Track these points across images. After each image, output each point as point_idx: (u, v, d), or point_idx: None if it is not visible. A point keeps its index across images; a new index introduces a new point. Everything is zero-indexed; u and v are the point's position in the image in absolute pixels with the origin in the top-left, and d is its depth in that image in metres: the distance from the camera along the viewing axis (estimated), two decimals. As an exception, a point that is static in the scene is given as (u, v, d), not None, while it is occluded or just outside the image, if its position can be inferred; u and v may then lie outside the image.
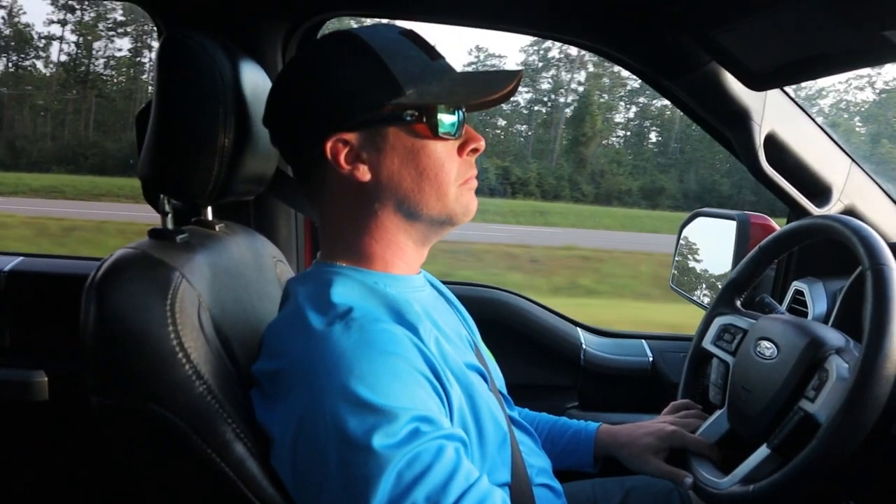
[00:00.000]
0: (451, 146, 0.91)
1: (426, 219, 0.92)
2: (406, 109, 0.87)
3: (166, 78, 0.90)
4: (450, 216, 0.92)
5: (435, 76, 0.89)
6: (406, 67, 0.87)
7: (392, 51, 0.87)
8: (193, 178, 0.91)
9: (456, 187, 0.91)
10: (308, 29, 1.49)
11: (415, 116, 0.87)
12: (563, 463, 1.21)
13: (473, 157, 0.95)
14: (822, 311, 1.37)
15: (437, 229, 0.95)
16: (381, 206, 0.90)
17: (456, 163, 0.91)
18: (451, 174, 0.91)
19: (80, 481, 1.62)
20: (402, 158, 0.88)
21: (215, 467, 0.79)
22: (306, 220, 1.60)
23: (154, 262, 0.82)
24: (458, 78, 0.91)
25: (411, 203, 0.90)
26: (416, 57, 0.89)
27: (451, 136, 0.90)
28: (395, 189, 0.89)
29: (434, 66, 0.90)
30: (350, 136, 0.88)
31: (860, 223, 1.00)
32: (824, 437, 0.87)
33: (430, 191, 0.90)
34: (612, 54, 1.47)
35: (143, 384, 0.77)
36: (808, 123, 1.44)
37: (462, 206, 0.93)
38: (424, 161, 0.89)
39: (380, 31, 0.90)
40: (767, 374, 1.03)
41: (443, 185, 0.90)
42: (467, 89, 0.90)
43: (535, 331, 1.81)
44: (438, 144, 0.89)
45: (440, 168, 0.89)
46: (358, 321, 0.79)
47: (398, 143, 0.88)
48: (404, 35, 0.90)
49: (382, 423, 0.71)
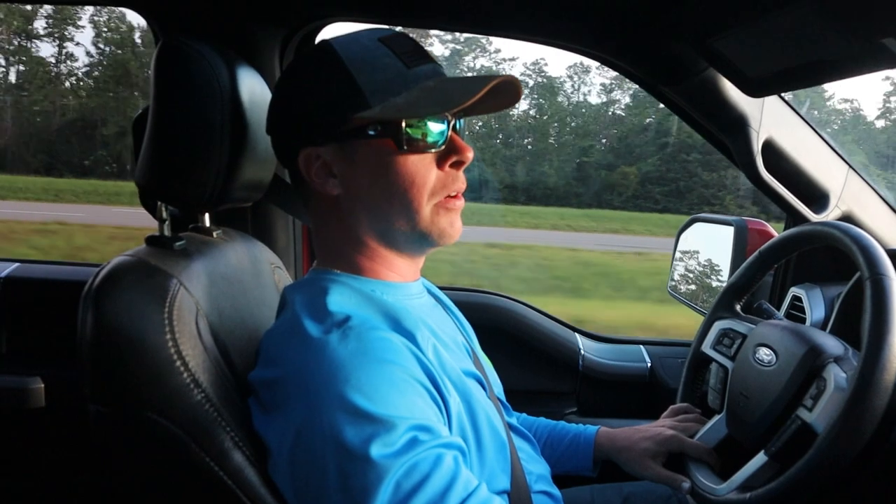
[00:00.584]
0: (428, 159, 0.87)
1: (400, 236, 0.90)
2: (370, 124, 0.85)
3: (163, 84, 0.90)
4: (424, 236, 0.89)
5: (405, 86, 0.85)
6: (374, 78, 0.84)
7: (363, 61, 0.85)
8: (191, 185, 0.91)
9: (431, 206, 0.87)
10: (305, 35, 1.49)
11: (378, 131, 0.85)
12: (562, 467, 1.21)
13: (458, 170, 0.90)
14: (820, 317, 1.37)
15: (416, 246, 0.92)
16: (354, 220, 0.90)
17: (432, 176, 0.87)
18: (425, 189, 0.87)
19: (77, 489, 1.62)
20: (371, 173, 0.87)
21: (213, 475, 0.78)
22: (304, 227, 1.60)
23: (151, 270, 0.81)
24: (431, 87, 0.86)
25: (382, 219, 0.88)
26: (388, 66, 0.85)
27: (427, 149, 0.86)
28: (366, 204, 0.88)
29: (408, 74, 0.85)
30: (322, 149, 0.87)
31: (860, 231, 1.00)
32: (822, 448, 0.87)
33: (399, 208, 0.87)
34: (610, 61, 1.47)
35: (141, 392, 0.76)
36: (805, 130, 1.44)
37: (438, 228, 0.89)
38: (392, 176, 0.86)
39: (358, 39, 0.87)
40: (766, 381, 1.03)
41: (413, 202, 0.86)
42: (435, 100, 0.85)
43: (534, 336, 1.81)
44: (409, 158, 0.85)
45: (409, 184, 0.86)
46: (355, 329, 0.79)
47: (365, 157, 0.87)
48: (383, 41, 0.87)
49: (380, 432, 0.71)
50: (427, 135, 0.85)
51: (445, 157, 0.88)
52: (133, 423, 0.77)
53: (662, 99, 1.52)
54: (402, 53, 0.86)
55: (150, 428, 0.77)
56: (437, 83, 0.86)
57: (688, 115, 1.50)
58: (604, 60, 1.47)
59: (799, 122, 1.44)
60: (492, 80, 0.82)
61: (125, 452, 0.82)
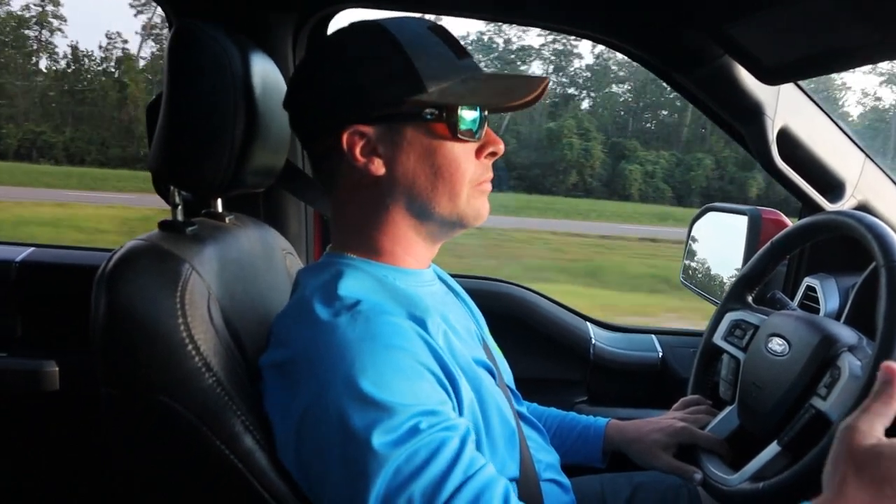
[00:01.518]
0: (470, 147, 0.90)
1: (437, 218, 0.91)
2: (427, 107, 0.86)
3: (177, 69, 0.90)
4: (460, 218, 0.91)
5: (459, 75, 0.87)
6: (430, 64, 0.85)
7: (418, 46, 0.86)
8: (203, 170, 0.91)
9: (469, 189, 0.90)
10: (318, 21, 1.49)
11: (435, 115, 0.86)
12: (572, 458, 1.21)
13: (491, 161, 0.93)
14: (835, 307, 1.35)
15: (447, 230, 0.94)
16: (392, 201, 0.90)
17: (472, 164, 0.90)
18: (467, 176, 0.89)
19: (91, 471, 1.63)
20: (419, 156, 0.87)
21: (224, 459, 0.79)
22: (316, 213, 1.60)
23: (164, 254, 0.82)
24: (483, 79, 0.89)
25: (423, 201, 0.89)
26: (442, 54, 0.87)
27: (471, 138, 0.88)
28: (409, 186, 0.88)
29: (459, 64, 0.88)
30: (367, 128, 0.87)
31: (874, 219, 0.99)
32: None
33: (443, 190, 0.89)
34: (624, 48, 1.46)
35: (153, 376, 0.77)
36: (821, 118, 1.43)
37: (473, 210, 0.92)
38: (440, 160, 0.88)
39: (408, 25, 0.88)
40: (778, 371, 1.03)
41: (456, 185, 0.89)
42: (490, 92, 0.88)
43: (545, 325, 1.81)
44: (456, 145, 0.88)
45: (456, 169, 0.88)
46: (364, 313, 0.79)
47: (416, 140, 0.87)
48: (432, 30, 0.89)
49: (383, 418, 0.71)
50: (471, 125, 0.88)
51: (482, 148, 0.91)
52: (144, 407, 0.78)
53: (676, 86, 1.50)
54: (450, 44, 0.89)
55: (161, 411, 0.77)
56: (487, 76, 0.90)
57: (702, 102, 1.49)
58: (617, 47, 1.46)
59: (815, 110, 1.42)
60: (543, 80, 0.88)
61: (137, 435, 0.82)
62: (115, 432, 0.83)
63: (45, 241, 1.79)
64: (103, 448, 1.56)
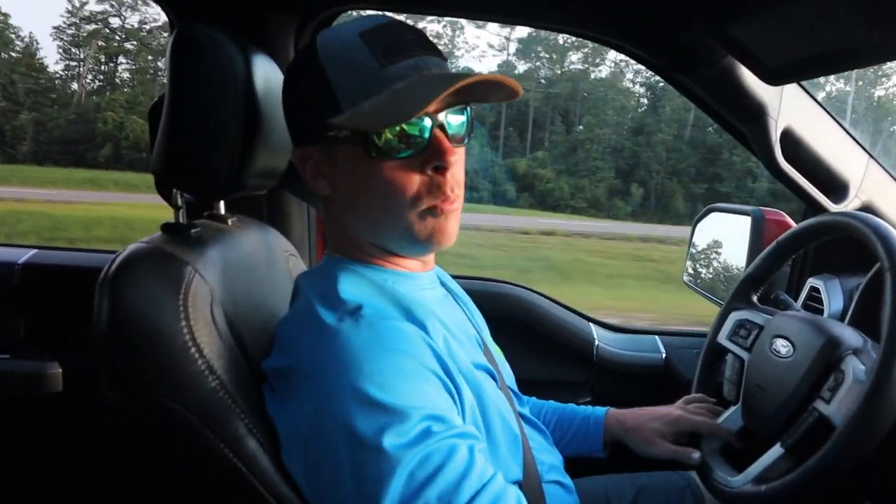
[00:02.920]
0: (408, 164, 0.82)
1: (391, 239, 0.88)
2: (343, 129, 0.82)
3: (179, 72, 0.90)
4: (413, 241, 0.86)
5: (376, 89, 0.78)
6: (348, 81, 0.80)
7: (341, 59, 0.81)
8: (205, 172, 0.91)
9: (417, 212, 0.83)
10: (320, 23, 1.49)
11: (348, 136, 0.82)
12: (573, 450, 1.21)
13: (442, 174, 0.83)
14: (839, 308, 1.35)
15: (410, 250, 0.90)
16: (348, 219, 0.89)
17: (415, 181, 0.82)
18: (406, 197, 0.82)
19: (93, 473, 1.63)
20: (352, 177, 0.85)
21: (227, 462, 0.79)
22: (318, 215, 1.60)
23: (167, 257, 0.82)
24: (398, 91, 0.78)
25: (370, 222, 0.87)
26: (362, 66, 0.80)
27: (398, 154, 0.81)
28: (353, 206, 0.87)
29: (380, 74, 0.79)
30: (310, 150, 0.87)
31: (880, 221, 0.99)
32: (839, 441, 0.86)
33: (384, 212, 0.84)
34: (626, 48, 1.45)
35: (156, 379, 0.77)
36: (825, 118, 1.42)
37: (425, 235, 0.85)
38: (371, 182, 0.82)
39: (340, 34, 0.83)
40: (783, 373, 1.02)
41: (394, 208, 0.83)
42: (400, 104, 0.77)
43: (548, 326, 1.80)
44: (384, 165, 0.81)
45: (388, 191, 0.82)
46: (367, 318, 0.79)
47: (346, 161, 0.84)
48: (363, 36, 0.81)
49: (393, 422, 0.71)
50: (403, 138, 0.80)
51: (426, 162, 0.82)
52: (148, 410, 0.78)
53: (679, 87, 1.50)
54: (379, 49, 0.80)
55: (164, 414, 0.77)
56: (406, 85, 0.78)
57: (704, 103, 1.48)
58: (619, 48, 1.45)
59: (818, 110, 1.41)
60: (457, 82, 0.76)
61: (139, 438, 0.82)
62: (117, 435, 0.83)
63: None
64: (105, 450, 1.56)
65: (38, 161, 30.63)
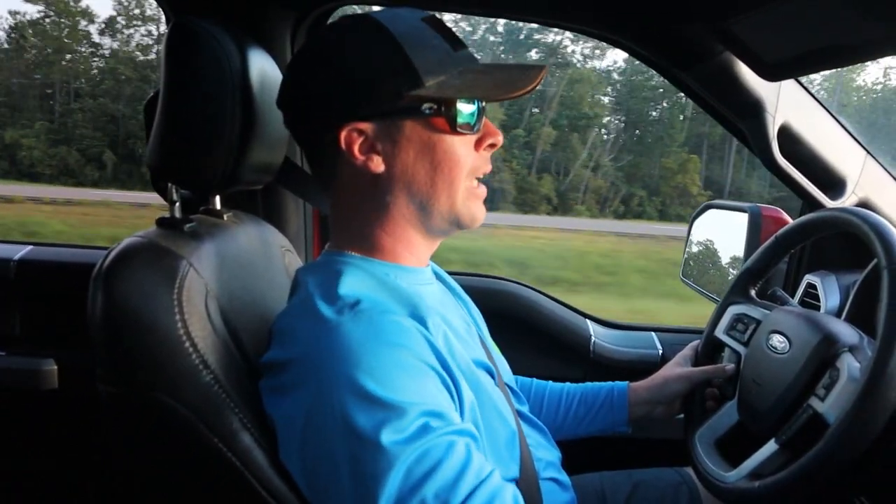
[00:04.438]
0: (469, 140, 0.89)
1: (437, 215, 0.90)
2: (425, 102, 0.84)
3: (174, 66, 0.89)
4: (457, 218, 0.90)
5: (456, 68, 0.86)
6: (426, 57, 0.84)
7: (413, 38, 0.84)
8: (201, 167, 0.91)
9: (464, 189, 0.89)
10: (318, 17, 1.48)
11: (433, 109, 0.84)
12: (600, 423, 1.25)
13: (490, 153, 0.92)
14: (835, 304, 1.35)
15: (445, 228, 0.93)
16: (392, 198, 0.89)
17: (471, 157, 0.89)
18: (465, 170, 0.88)
19: (89, 469, 1.63)
20: (418, 151, 0.86)
21: (222, 457, 0.79)
22: (315, 210, 1.60)
23: (161, 251, 0.81)
24: (480, 71, 0.87)
25: (422, 198, 0.88)
26: (437, 46, 0.86)
27: (469, 131, 0.87)
28: (408, 182, 0.87)
29: (455, 56, 0.86)
30: (365, 125, 0.85)
31: (879, 219, 0.99)
32: (832, 439, 0.86)
33: (442, 186, 0.88)
34: (623, 44, 1.45)
35: (150, 373, 0.77)
36: (822, 114, 1.42)
37: (469, 213, 0.91)
38: (440, 155, 0.86)
39: (401, 17, 0.86)
40: (778, 369, 1.02)
41: (455, 181, 0.88)
42: (488, 83, 0.86)
43: (544, 322, 1.80)
44: (455, 139, 0.87)
45: (455, 164, 0.87)
46: (367, 312, 0.78)
47: (414, 135, 0.86)
48: (426, 22, 0.87)
49: (391, 418, 0.71)
50: (469, 118, 0.86)
51: (481, 140, 0.90)
52: (142, 404, 0.77)
53: (676, 82, 1.50)
54: (445, 35, 0.87)
55: (158, 409, 0.77)
56: (484, 68, 0.88)
57: (702, 99, 1.48)
58: (617, 43, 1.45)
59: (816, 106, 1.41)
60: (541, 69, 0.85)
61: (134, 433, 0.82)
62: (113, 430, 0.83)
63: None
64: (102, 446, 1.56)
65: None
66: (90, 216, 14.64)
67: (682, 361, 1.28)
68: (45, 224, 12.48)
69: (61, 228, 12.37)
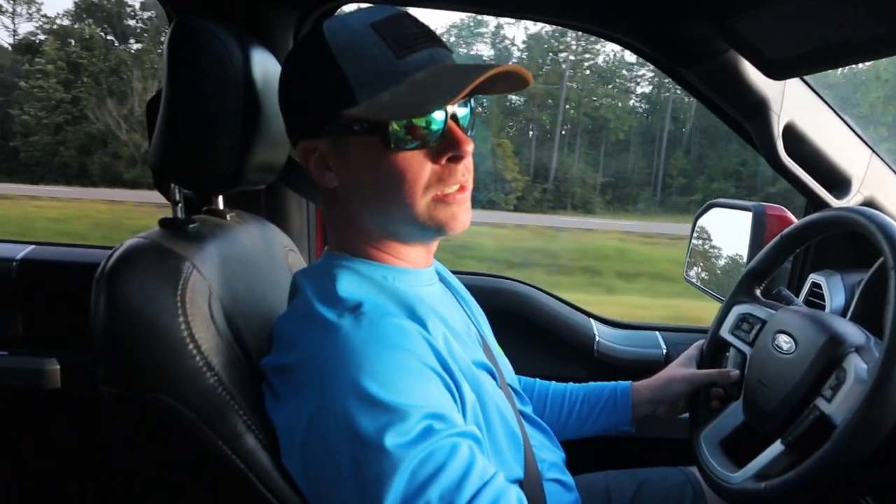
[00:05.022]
0: (421, 154, 0.83)
1: (401, 228, 0.88)
2: (356, 122, 0.81)
3: (177, 65, 0.89)
4: (424, 228, 0.86)
5: (394, 79, 0.79)
6: (363, 70, 0.80)
7: (353, 50, 0.80)
8: (204, 167, 0.90)
9: (428, 200, 0.84)
10: (320, 16, 1.48)
11: (364, 128, 0.81)
12: (603, 423, 1.24)
13: (457, 164, 0.84)
14: (840, 304, 1.35)
15: (420, 236, 0.90)
16: (354, 211, 0.89)
17: (427, 171, 0.83)
18: (418, 186, 0.83)
19: (91, 469, 1.63)
20: (363, 169, 0.84)
21: (225, 458, 0.79)
22: (318, 210, 1.60)
23: (164, 252, 0.81)
24: (419, 82, 0.79)
25: (380, 213, 0.86)
26: (377, 56, 0.79)
27: (415, 146, 0.82)
28: (363, 198, 0.87)
29: (398, 66, 0.79)
30: (316, 142, 0.86)
31: (886, 218, 0.98)
32: (839, 441, 0.86)
33: (394, 202, 0.84)
34: (628, 42, 1.45)
35: (153, 374, 0.76)
36: (827, 113, 1.42)
37: (436, 222, 0.85)
38: (384, 173, 0.82)
39: (349, 24, 0.82)
40: (784, 369, 1.02)
41: (406, 198, 0.83)
42: (416, 99, 0.79)
43: (548, 322, 1.80)
44: (399, 155, 0.82)
45: (402, 180, 0.82)
46: (368, 315, 0.78)
47: (357, 153, 0.84)
48: (375, 27, 0.81)
49: (395, 421, 0.70)
50: (419, 129, 0.81)
51: (441, 152, 0.83)
52: (144, 405, 0.77)
53: (681, 81, 1.49)
54: (393, 41, 0.80)
55: (161, 410, 0.77)
56: (426, 76, 0.80)
57: (706, 97, 1.48)
58: (621, 41, 1.45)
59: (821, 105, 1.41)
60: (482, 74, 0.77)
61: (137, 434, 0.82)
62: (116, 431, 0.83)
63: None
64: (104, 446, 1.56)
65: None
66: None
67: (687, 362, 1.27)
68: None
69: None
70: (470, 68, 0.79)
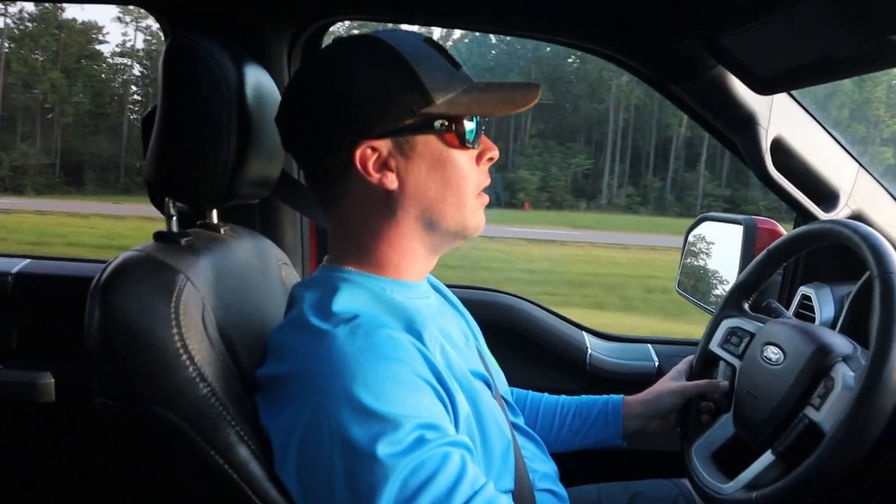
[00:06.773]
0: (472, 155, 0.91)
1: (444, 229, 0.91)
2: (436, 119, 0.87)
3: (172, 81, 0.90)
4: (464, 229, 0.92)
5: (460, 86, 0.88)
6: (434, 76, 0.86)
7: (420, 58, 0.86)
8: (198, 181, 0.91)
9: (473, 202, 0.92)
10: (313, 33, 1.49)
11: (444, 126, 0.87)
12: (594, 437, 1.24)
13: (488, 167, 0.94)
14: (830, 316, 1.36)
15: (450, 241, 0.94)
16: (403, 213, 0.90)
17: (475, 172, 0.91)
18: (472, 184, 0.91)
19: (86, 483, 1.63)
20: (430, 167, 0.88)
21: (219, 469, 0.79)
22: (312, 224, 1.60)
23: (158, 265, 0.82)
24: (481, 88, 0.91)
25: (433, 213, 0.90)
26: (441, 66, 0.89)
27: (472, 146, 0.90)
28: (420, 198, 0.89)
29: (457, 75, 0.90)
30: (379, 143, 0.86)
31: (869, 229, 1.00)
32: (828, 447, 0.87)
33: (452, 201, 0.90)
34: (617, 58, 1.47)
35: (147, 386, 0.77)
36: (815, 128, 1.43)
37: (475, 221, 0.93)
38: (450, 170, 0.89)
39: (405, 38, 0.89)
40: (773, 380, 1.03)
41: (464, 195, 0.90)
42: (492, 101, 0.90)
43: (540, 335, 1.80)
44: (463, 154, 0.89)
45: (463, 178, 0.89)
46: (363, 327, 0.79)
47: (426, 151, 0.88)
48: (428, 43, 0.90)
49: (387, 430, 0.71)
50: (470, 134, 0.89)
51: (481, 155, 0.93)
52: (139, 417, 0.78)
53: (670, 96, 1.51)
54: (446, 56, 0.90)
55: (156, 421, 0.77)
56: (485, 86, 0.91)
57: (695, 112, 1.49)
58: (610, 58, 1.47)
59: (808, 119, 1.42)
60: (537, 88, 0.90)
61: (132, 445, 0.82)
62: (110, 442, 0.83)
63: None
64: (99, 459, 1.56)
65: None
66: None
67: (677, 375, 1.28)
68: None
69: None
70: (518, 85, 0.93)
